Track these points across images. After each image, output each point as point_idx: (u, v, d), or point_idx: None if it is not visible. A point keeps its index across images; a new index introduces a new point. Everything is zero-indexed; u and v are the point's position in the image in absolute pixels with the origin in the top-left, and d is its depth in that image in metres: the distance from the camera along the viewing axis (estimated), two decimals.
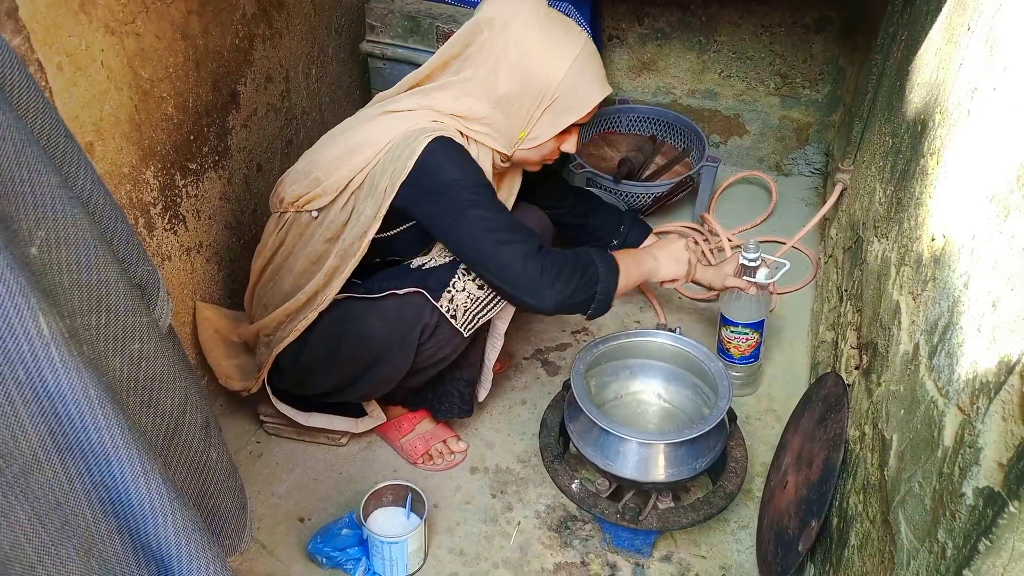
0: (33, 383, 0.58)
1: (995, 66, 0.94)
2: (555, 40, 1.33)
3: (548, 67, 1.33)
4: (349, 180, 1.36)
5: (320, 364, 1.45)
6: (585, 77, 1.35)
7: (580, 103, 1.37)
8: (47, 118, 0.69)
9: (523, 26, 1.32)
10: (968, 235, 0.90)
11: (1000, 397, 0.71)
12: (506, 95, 1.35)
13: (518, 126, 1.38)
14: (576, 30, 1.37)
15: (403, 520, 1.42)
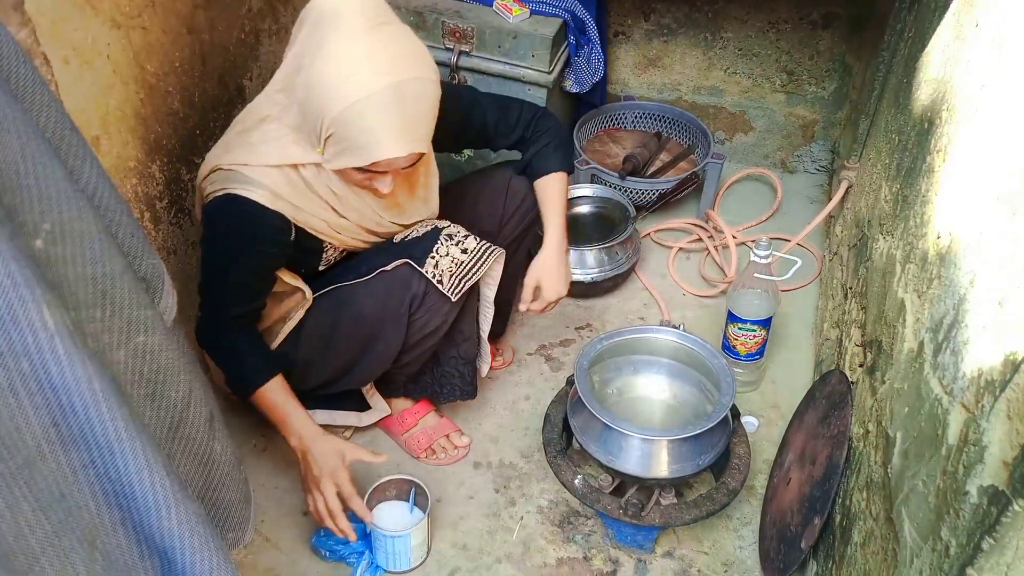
0: (37, 375, 0.58)
1: (1004, 63, 0.93)
2: (355, 65, 1.13)
3: (327, 95, 1.15)
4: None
5: (318, 354, 1.45)
6: (367, 126, 1.15)
7: (358, 151, 1.18)
8: (52, 112, 0.70)
9: (333, 33, 1.15)
10: (975, 233, 0.90)
11: (1005, 395, 0.71)
12: (299, 101, 1.21)
13: (315, 140, 1.22)
14: (386, 68, 1.14)
15: (407, 514, 1.42)
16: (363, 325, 1.42)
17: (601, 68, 2.05)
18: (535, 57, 1.88)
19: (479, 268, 1.42)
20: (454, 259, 1.39)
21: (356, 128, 1.16)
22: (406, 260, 1.38)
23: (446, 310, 1.42)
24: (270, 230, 1.30)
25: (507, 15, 1.89)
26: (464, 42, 1.90)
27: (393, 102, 1.15)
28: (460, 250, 1.39)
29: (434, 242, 1.40)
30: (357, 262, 1.45)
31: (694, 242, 2.13)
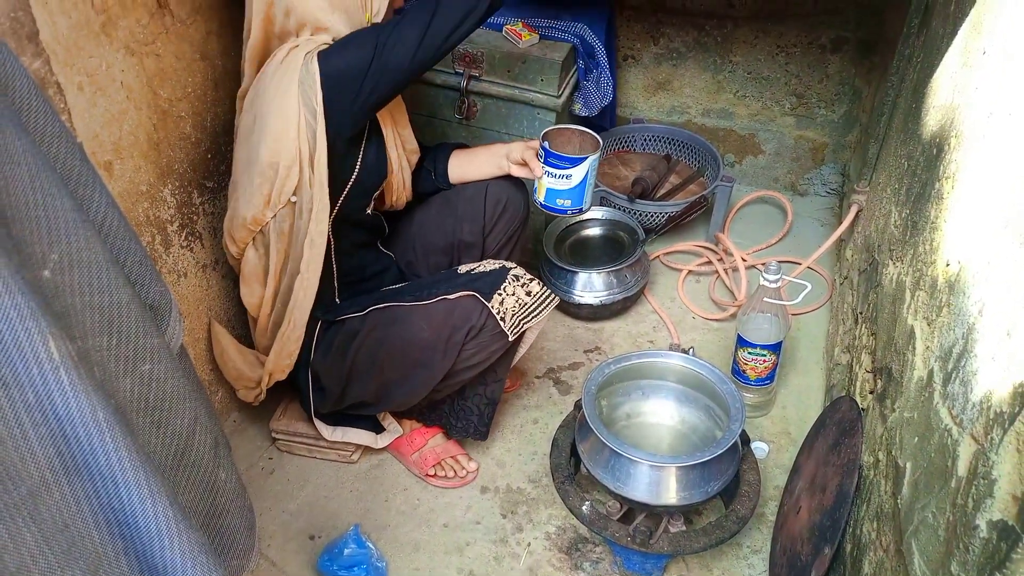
0: (42, 406, 0.58)
1: (1011, 91, 0.93)
2: None
3: None
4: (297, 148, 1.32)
5: (362, 372, 1.46)
6: None
7: None
8: (63, 142, 0.71)
9: None
10: (983, 261, 0.89)
11: (1015, 428, 0.70)
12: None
13: (359, 13, 1.35)
14: None
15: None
16: (413, 348, 1.43)
17: (610, 92, 2.06)
18: (544, 81, 1.89)
19: (541, 312, 1.46)
20: (519, 300, 1.43)
21: None
22: (472, 292, 1.41)
23: (496, 348, 1.45)
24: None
25: (516, 40, 1.90)
26: (474, 67, 1.91)
27: None
28: (525, 292, 1.43)
29: (502, 279, 1.43)
30: (416, 286, 1.47)
31: (704, 265, 2.13)
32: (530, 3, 2.03)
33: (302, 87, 1.29)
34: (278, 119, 1.31)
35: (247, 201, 1.37)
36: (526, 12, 1.98)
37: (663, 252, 2.15)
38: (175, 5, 1.39)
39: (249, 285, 1.48)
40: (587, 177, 1.48)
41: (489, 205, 1.56)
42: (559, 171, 1.47)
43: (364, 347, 1.45)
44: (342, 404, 1.54)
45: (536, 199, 1.53)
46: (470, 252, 1.59)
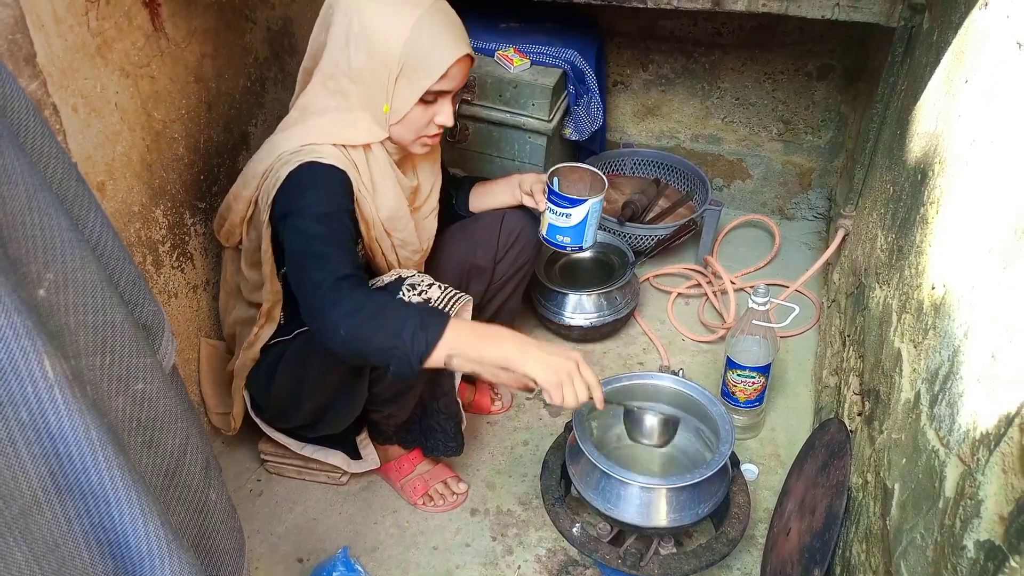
0: (36, 425, 0.58)
1: (993, 118, 0.95)
2: (396, 5, 1.28)
3: (389, 34, 1.27)
4: (244, 213, 1.38)
5: (290, 396, 1.44)
6: (431, 38, 1.29)
7: (430, 66, 1.30)
8: (59, 163, 0.71)
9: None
10: (967, 285, 0.91)
11: (1000, 449, 0.71)
12: (358, 70, 1.31)
13: (380, 99, 1.33)
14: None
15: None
16: (330, 371, 1.37)
17: (600, 117, 2.08)
18: (535, 106, 1.92)
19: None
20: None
21: (425, 42, 1.28)
22: None
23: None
24: (349, 188, 1.33)
25: (508, 65, 1.93)
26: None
27: (438, 14, 1.31)
28: (422, 300, 1.30)
29: (396, 292, 1.32)
30: None
31: (693, 287, 2.14)
32: (522, 29, 2.06)
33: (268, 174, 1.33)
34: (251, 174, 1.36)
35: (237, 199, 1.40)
36: (517, 38, 2.01)
37: (653, 275, 2.17)
38: (171, 28, 1.40)
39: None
40: (587, 218, 1.53)
41: (503, 233, 1.59)
42: (560, 209, 1.52)
43: (288, 369, 1.42)
44: (281, 423, 1.53)
45: (540, 231, 1.59)
46: (480, 277, 1.60)
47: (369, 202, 1.38)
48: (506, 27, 2.07)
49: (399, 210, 1.43)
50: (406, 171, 1.48)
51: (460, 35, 1.34)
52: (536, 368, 1.15)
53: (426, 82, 1.31)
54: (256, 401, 1.53)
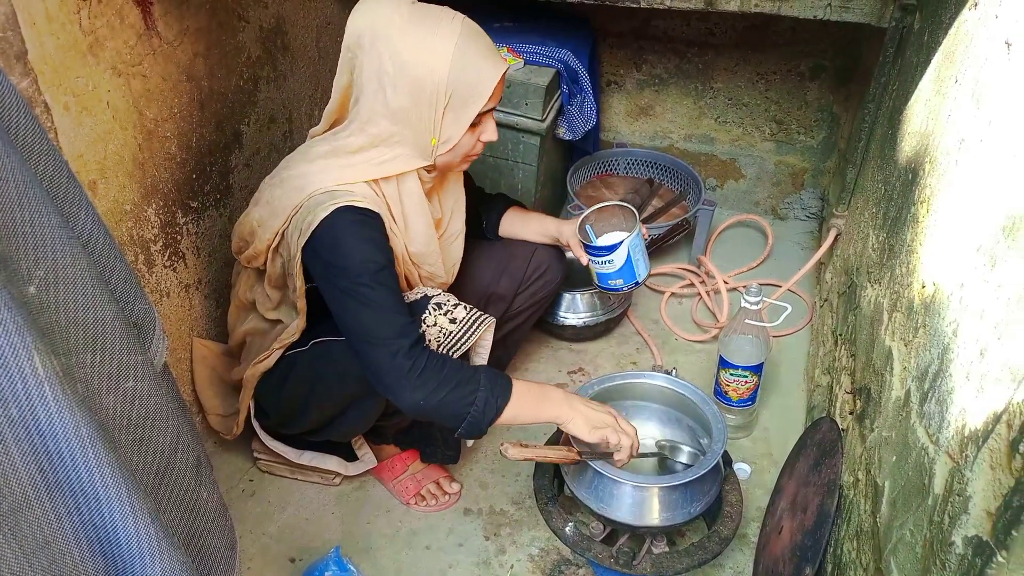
0: (26, 421, 0.58)
1: (981, 118, 0.96)
2: (427, 38, 1.24)
3: (429, 68, 1.24)
4: (270, 243, 1.36)
5: (299, 404, 1.44)
6: (472, 64, 1.26)
7: (476, 91, 1.28)
8: (51, 160, 0.71)
9: (390, 35, 1.24)
10: (957, 283, 0.91)
11: (988, 445, 0.72)
12: (401, 108, 1.27)
13: (426, 134, 1.30)
14: (447, 19, 1.27)
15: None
16: (347, 384, 1.38)
17: (594, 116, 2.09)
18: (529, 106, 1.92)
19: (468, 338, 1.39)
20: (442, 329, 1.36)
21: (468, 70, 1.26)
22: None
23: None
24: (385, 231, 1.31)
25: None
26: None
27: (471, 38, 1.27)
28: (449, 320, 1.36)
29: (422, 311, 1.35)
30: None
31: (686, 287, 2.15)
32: (515, 29, 2.06)
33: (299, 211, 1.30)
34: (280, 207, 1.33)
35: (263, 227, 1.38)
36: (511, 38, 2.01)
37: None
38: (163, 27, 1.40)
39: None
40: (630, 256, 1.55)
41: (531, 267, 1.60)
42: (601, 259, 1.55)
43: (302, 378, 1.42)
44: (286, 429, 1.52)
45: (594, 282, 1.62)
46: (498, 304, 1.59)
47: (399, 238, 1.37)
48: (500, 26, 2.07)
49: (429, 244, 1.42)
50: (431, 201, 1.45)
51: (495, 52, 1.31)
52: (581, 426, 1.32)
53: (475, 108, 1.29)
54: (262, 406, 1.52)
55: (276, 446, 1.56)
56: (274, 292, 1.43)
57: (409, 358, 1.22)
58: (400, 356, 1.22)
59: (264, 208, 1.36)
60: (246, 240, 1.41)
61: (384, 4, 1.26)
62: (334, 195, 1.27)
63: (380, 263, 1.26)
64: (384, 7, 1.25)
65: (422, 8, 1.28)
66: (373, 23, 1.24)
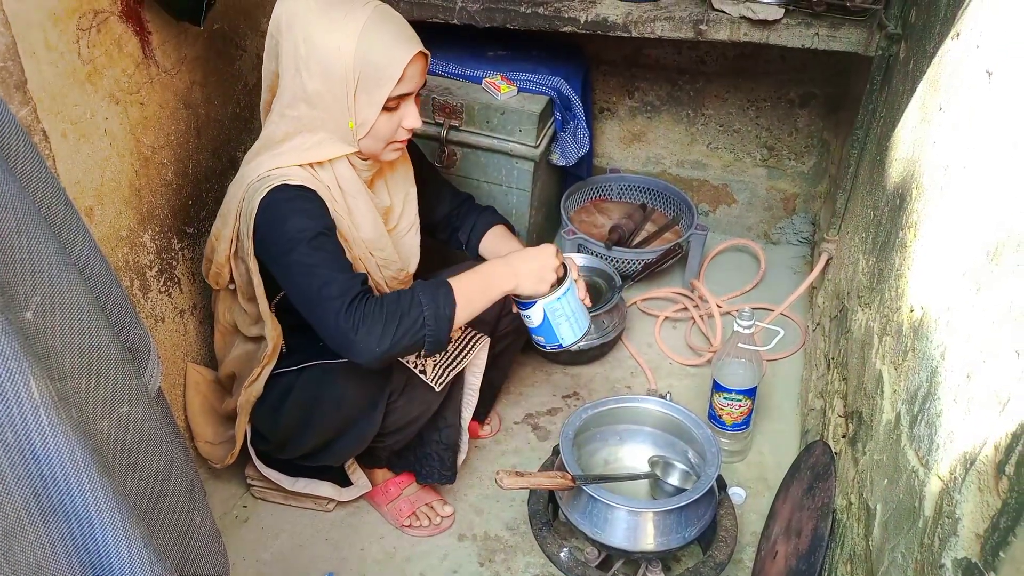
0: (21, 446, 0.59)
1: (965, 145, 0.98)
2: (336, 21, 1.27)
3: (336, 50, 1.26)
4: (227, 251, 1.38)
5: (296, 429, 1.44)
6: (379, 45, 1.28)
7: (385, 73, 1.29)
8: (49, 187, 0.72)
9: (303, 19, 1.27)
10: (944, 307, 0.92)
11: (976, 467, 0.72)
12: (315, 91, 1.29)
13: (343, 117, 1.31)
14: (359, 3, 1.30)
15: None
16: (344, 406, 1.40)
17: (587, 143, 2.11)
18: (522, 132, 1.94)
19: (464, 357, 1.40)
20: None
21: (375, 50, 1.27)
22: None
23: (429, 399, 1.43)
24: (325, 206, 1.32)
25: (495, 92, 1.95)
26: (454, 117, 1.96)
27: (381, 21, 1.29)
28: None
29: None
30: None
31: (680, 311, 2.16)
32: (509, 57, 2.09)
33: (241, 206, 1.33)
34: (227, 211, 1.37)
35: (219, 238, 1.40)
36: (504, 66, 2.04)
37: (640, 298, 2.18)
38: (161, 56, 1.42)
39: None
40: (547, 318, 1.39)
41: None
42: (522, 311, 1.41)
43: (297, 403, 1.43)
44: (284, 454, 1.52)
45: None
46: (480, 328, 1.58)
47: (347, 221, 1.38)
48: (493, 55, 2.10)
49: (376, 230, 1.42)
50: (377, 190, 1.46)
51: (408, 35, 1.32)
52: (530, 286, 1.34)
53: (385, 90, 1.30)
54: (259, 432, 1.52)
55: (270, 473, 1.56)
56: (249, 305, 1.44)
57: (349, 315, 1.22)
58: (341, 317, 1.22)
59: (218, 220, 1.40)
60: (209, 258, 1.43)
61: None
62: (267, 179, 1.30)
63: (315, 229, 1.27)
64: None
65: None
66: (292, 8, 1.29)
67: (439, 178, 1.67)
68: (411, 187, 1.53)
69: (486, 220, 1.65)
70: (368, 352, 1.22)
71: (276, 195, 1.28)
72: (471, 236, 1.65)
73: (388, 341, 1.22)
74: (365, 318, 1.22)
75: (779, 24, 1.70)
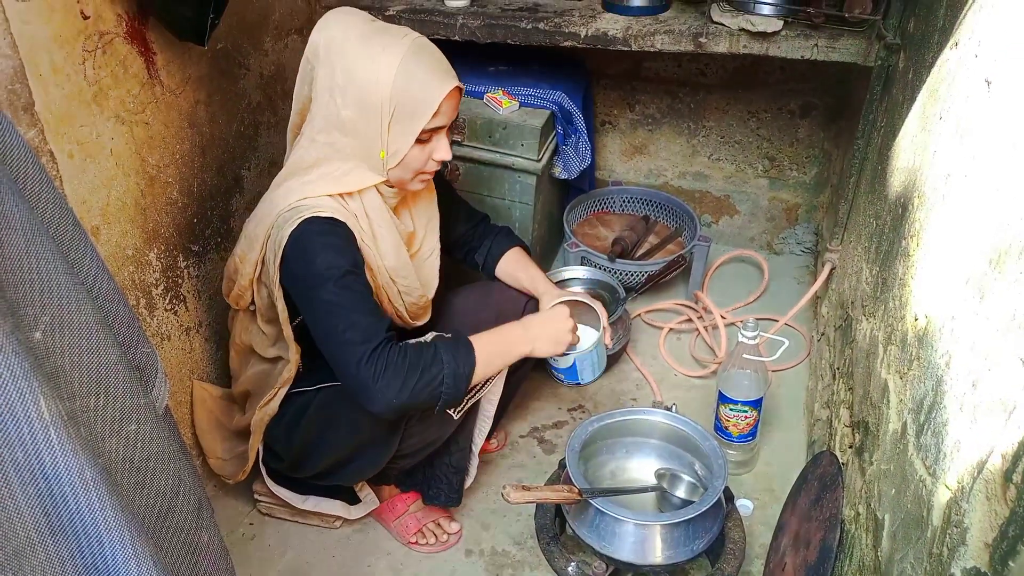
0: (31, 465, 0.59)
1: (965, 154, 0.98)
2: (375, 52, 1.28)
3: (374, 80, 1.28)
4: (252, 274, 1.39)
5: (311, 448, 1.45)
6: (417, 78, 1.29)
7: (421, 105, 1.30)
8: (57, 207, 0.73)
9: (342, 47, 1.29)
10: (948, 316, 0.93)
11: (983, 476, 0.72)
12: (349, 119, 1.31)
13: (375, 146, 1.33)
14: (399, 35, 1.31)
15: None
16: (360, 430, 1.40)
17: (588, 156, 2.12)
18: (524, 146, 1.95)
19: (483, 387, 1.42)
20: None
21: (413, 83, 1.29)
22: None
23: (445, 425, 1.44)
24: (354, 239, 1.33)
25: (497, 107, 1.97)
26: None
27: (419, 53, 1.31)
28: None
29: None
30: None
31: (684, 323, 2.16)
32: (510, 72, 2.10)
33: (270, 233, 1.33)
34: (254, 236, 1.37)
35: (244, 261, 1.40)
36: (506, 81, 2.05)
37: (644, 311, 2.18)
38: (165, 76, 1.44)
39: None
40: (575, 364, 1.54)
41: (527, 312, 1.60)
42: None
43: (313, 423, 1.43)
44: (296, 473, 1.52)
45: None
46: None
47: (373, 251, 1.38)
48: (495, 70, 2.12)
49: (399, 257, 1.43)
50: (401, 216, 1.47)
51: (445, 69, 1.34)
52: (547, 350, 1.44)
53: (420, 122, 1.31)
54: (271, 449, 1.52)
55: (281, 492, 1.56)
56: (268, 327, 1.44)
57: (371, 365, 1.24)
58: (363, 366, 1.24)
59: (243, 242, 1.40)
60: (232, 279, 1.44)
61: (343, 20, 1.32)
62: (298, 210, 1.30)
63: (343, 267, 1.28)
64: (343, 23, 1.32)
65: (379, 26, 1.33)
66: (330, 36, 1.31)
67: (454, 196, 1.68)
68: (434, 213, 1.55)
69: (502, 243, 1.66)
70: (384, 402, 1.25)
71: (306, 228, 1.29)
72: (487, 259, 1.66)
73: (406, 395, 1.25)
74: (386, 369, 1.24)
75: (778, 36, 1.71)
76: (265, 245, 1.34)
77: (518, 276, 1.63)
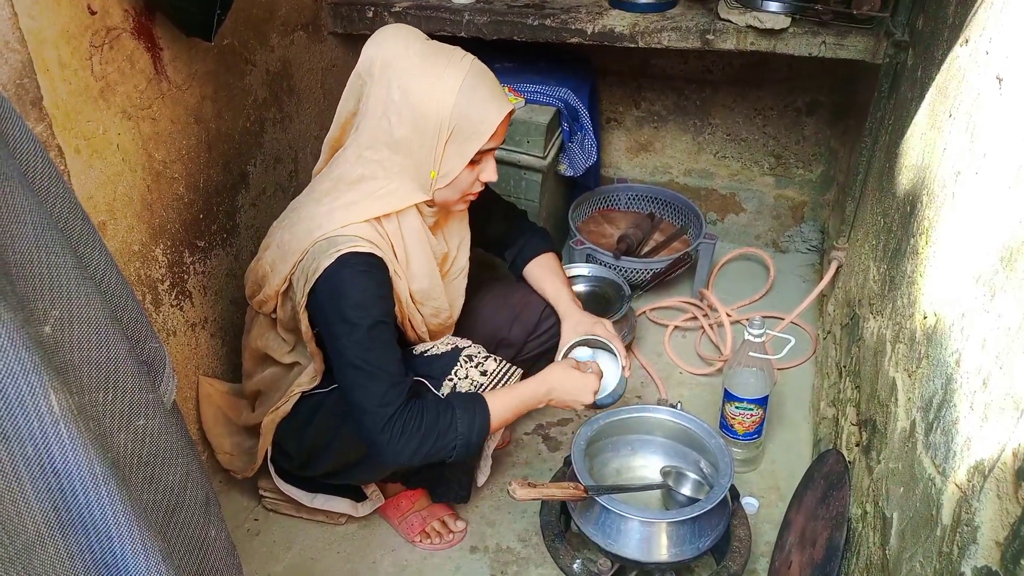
0: (41, 459, 0.59)
1: (976, 151, 0.97)
2: (436, 72, 1.28)
3: (435, 101, 1.27)
4: (279, 287, 1.38)
5: (323, 447, 1.45)
6: (477, 101, 1.29)
7: (479, 128, 1.30)
8: (66, 202, 0.73)
9: (401, 66, 1.28)
10: (958, 314, 0.92)
11: (994, 475, 0.72)
12: (403, 138, 1.30)
13: (426, 166, 1.32)
14: (457, 56, 1.31)
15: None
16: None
17: (594, 153, 2.12)
18: (531, 143, 1.95)
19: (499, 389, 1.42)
20: (473, 381, 1.40)
21: (473, 106, 1.29)
22: (422, 379, 1.40)
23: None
24: (387, 276, 1.33)
25: None
26: None
27: (479, 77, 1.31)
28: (479, 372, 1.41)
29: (453, 363, 1.41)
30: None
31: (689, 320, 2.16)
32: (516, 69, 2.10)
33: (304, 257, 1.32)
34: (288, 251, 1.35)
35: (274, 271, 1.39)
36: (512, 78, 2.05)
37: (649, 308, 2.18)
38: (172, 72, 1.44)
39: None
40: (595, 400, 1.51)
41: (545, 316, 1.60)
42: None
43: (325, 422, 1.43)
44: (306, 472, 1.52)
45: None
46: (507, 349, 1.59)
47: (403, 279, 1.38)
48: (501, 67, 2.11)
49: (431, 278, 1.43)
50: (436, 237, 1.46)
51: (501, 93, 1.34)
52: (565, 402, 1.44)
53: (476, 144, 1.31)
54: (281, 448, 1.51)
55: (289, 490, 1.55)
56: (288, 335, 1.44)
57: (387, 431, 1.28)
58: (379, 430, 1.28)
59: (275, 251, 1.38)
60: (259, 284, 1.42)
61: (398, 37, 1.31)
62: (336, 242, 1.29)
63: (376, 317, 1.29)
64: (398, 40, 1.30)
65: (435, 45, 1.33)
66: (386, 53, 1.29)
67: (490, 195, 1.64)
68: (467, 233, 1.54)
69: (535, 245, 1.66)
70: (394, 459, 1.30)
71: (344, 265, 1.28)
72: (517, 259, 1.66)
73: (418, 459, 1.31)
74: (403, 433, 1.28)
75: (786, 33, 1.71)
76: (297, 265, 1.33)
77: (544, 287, 1.61)
